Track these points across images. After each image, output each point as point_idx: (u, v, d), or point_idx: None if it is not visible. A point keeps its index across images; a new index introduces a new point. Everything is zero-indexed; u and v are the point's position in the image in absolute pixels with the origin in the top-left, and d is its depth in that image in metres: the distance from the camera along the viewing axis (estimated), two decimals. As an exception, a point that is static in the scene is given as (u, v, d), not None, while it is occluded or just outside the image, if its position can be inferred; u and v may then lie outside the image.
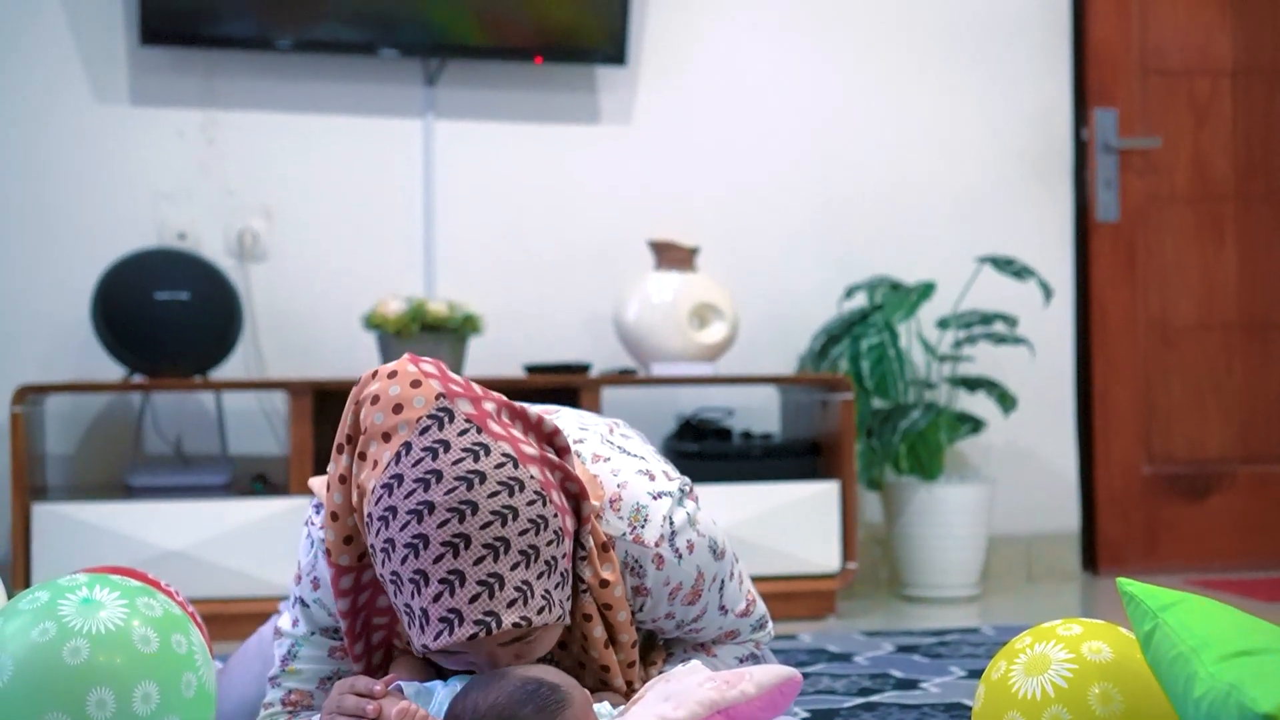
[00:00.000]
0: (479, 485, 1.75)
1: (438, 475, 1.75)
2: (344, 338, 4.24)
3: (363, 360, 4.23)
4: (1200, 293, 4.75)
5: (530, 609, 1.75)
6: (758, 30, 4.52)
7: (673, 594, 1.98)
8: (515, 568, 1.75)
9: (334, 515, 1.88)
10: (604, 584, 1.90)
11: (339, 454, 1.87)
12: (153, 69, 4.19)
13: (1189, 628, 1.74)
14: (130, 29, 4.15)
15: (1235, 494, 4.74)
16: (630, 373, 4.06)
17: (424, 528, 1.74)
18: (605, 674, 1.95)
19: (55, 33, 4.13)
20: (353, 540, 1.88)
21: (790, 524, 3.87)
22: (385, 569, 1.78)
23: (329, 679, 2.01)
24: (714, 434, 4.13)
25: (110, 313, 3.79)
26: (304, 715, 2.01)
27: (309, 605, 2.00)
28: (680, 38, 4.48)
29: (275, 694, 2.02)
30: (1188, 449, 4.73)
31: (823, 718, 2.61)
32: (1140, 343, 4.71)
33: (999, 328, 4.53)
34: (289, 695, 2.02)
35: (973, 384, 4.25)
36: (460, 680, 1.86)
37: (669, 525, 1.95)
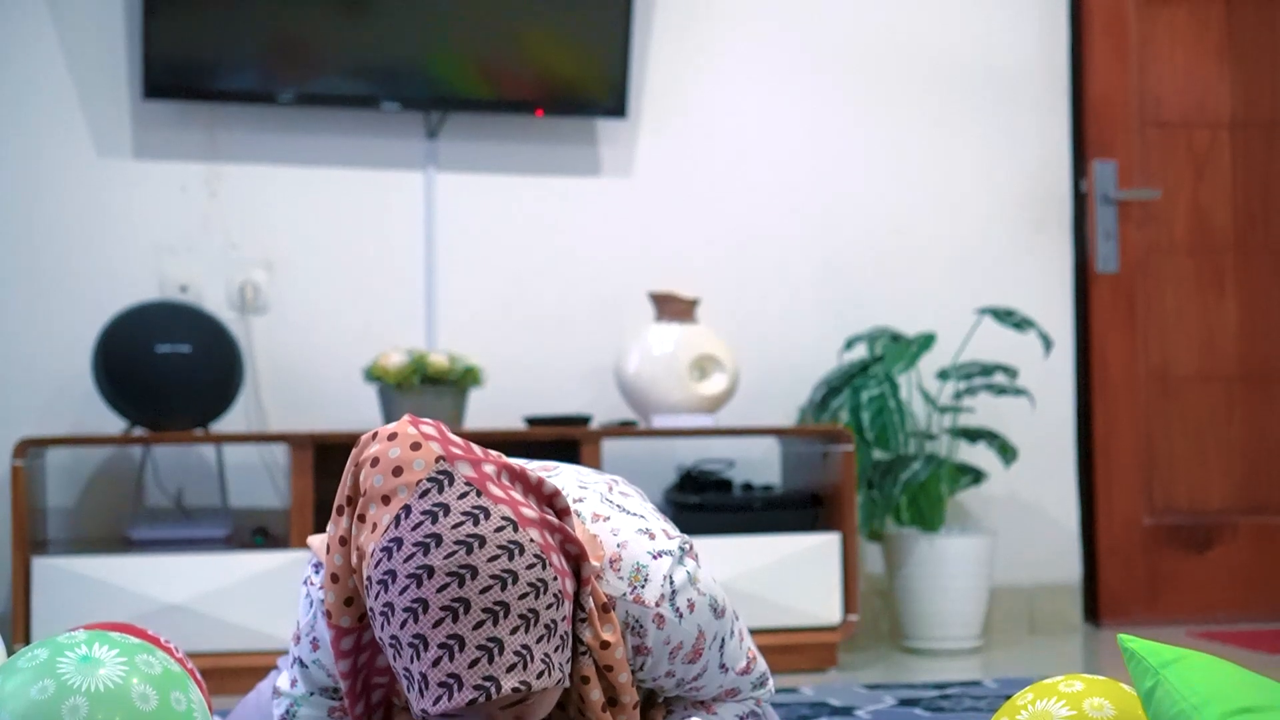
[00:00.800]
0: (479, 550, 1.75)
1: (437, 539, 1.75)
2: (345, 390, 4.25)
3: (364, 413, 4.23)
4: (1200, 344, 4.76)
5: (530, 674, 1.74)
6: (757, 83, 4.54)
7: (673, 653, 1.97)
8: (515, 632, 1.74)
9: (334, 577, 1.88)
10: (604, 645, 1.90)
11: (339, 516, 1.87)
12: (156, 123, 4.20)
13: (1191, 685, 1.74)
14: (133, 83, 4.17)
15: (1237, 545, 4.73)
16: (631, 424, 4.06)
17: (423, 592, 1.73)
18: (603, 736, 1.94)
19: (59, 86, 4.15)
20: (353, 602, 1.88)
21: (791, 576, 3.86)
22: (384, 632, 1.77)
23: (328, 739, 2.01)
24: (715, 486, 4.13)
25: (111, 365, 3.79)
26: (303, 774, 2.01)
27: (308, 665, 1.99)
28: (680, 91, 4.50)
29: (275, 753, 2.02)
30: (1189, 500, 4.73)
31: (824, 773, 2.59)
32: (1141, 394, 4.71)
33: (999, 379, 4.54)
34: (288, 754, 2.01)
35: (973, 435, 4.25)
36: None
37: (669, 584, 1.95)
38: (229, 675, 3.61)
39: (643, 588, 1.94)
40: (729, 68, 4.53)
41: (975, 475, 4.26)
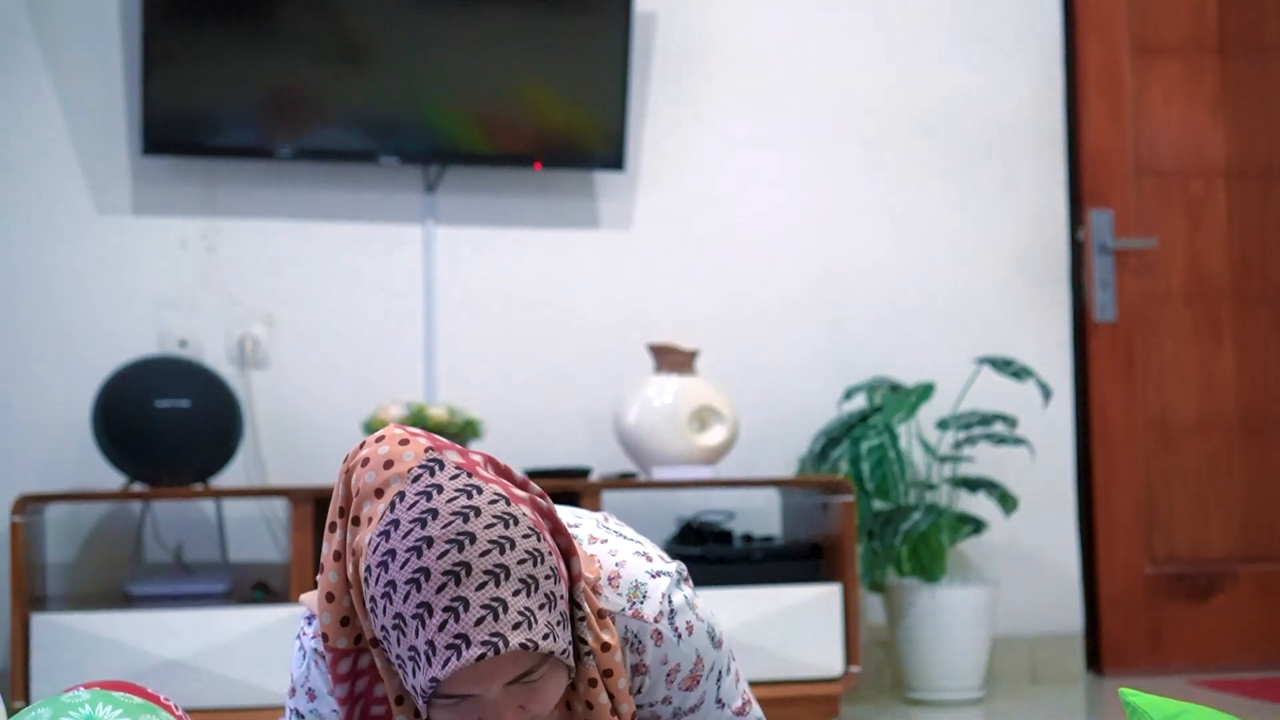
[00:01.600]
0: (475, 518, 1.77)
1: (434, 513, 1.77)
2: (345, 444, 4.24)
3: (363, 466, 4.22)
4: (1199, 392, 4.76)
5: (535, 633, 1.75)
6: (755, 136, 4.56)
7: (670, 675, 1.98)
8: (517, 594, 1.75)
9: (329, 596, 1.88)
10: (605, 647, 1.90)
11: (332, 532, 1.88)
12: (154, 178, 4.22)
13: (1196, 738, 1.73)
14: (132, 139, 4.19)
15: (1238, 594, 4.72)
16: (631, 476, 4.06)
17: (424, 561, 1.74)
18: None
19: (57, 143, 4.16)
20: (349, 621, 1.88)
21: (792, 627, 3.85)
22: (386, 616, 1.76)
23: (328, 792, 2.00)
24: (715, 537, 4.12)
25: (111, 421, 3.79)
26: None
27: (304, 717, 1.99)
28: (678, 143, 4.52)
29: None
30: (1190, 549, 4.72)
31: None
32: (1140, 442, 4.71)
33: (999, 428, 4.54)
34: (290, 810, 2.00)
35: (973, 485, 4.25)
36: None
37: (668, 603, 1.97)
38: (229, 731, 3.59)
39: (641, 603, 1.96)
40: (727, 121, 4.55)
41: (976, 525, 4.26)
